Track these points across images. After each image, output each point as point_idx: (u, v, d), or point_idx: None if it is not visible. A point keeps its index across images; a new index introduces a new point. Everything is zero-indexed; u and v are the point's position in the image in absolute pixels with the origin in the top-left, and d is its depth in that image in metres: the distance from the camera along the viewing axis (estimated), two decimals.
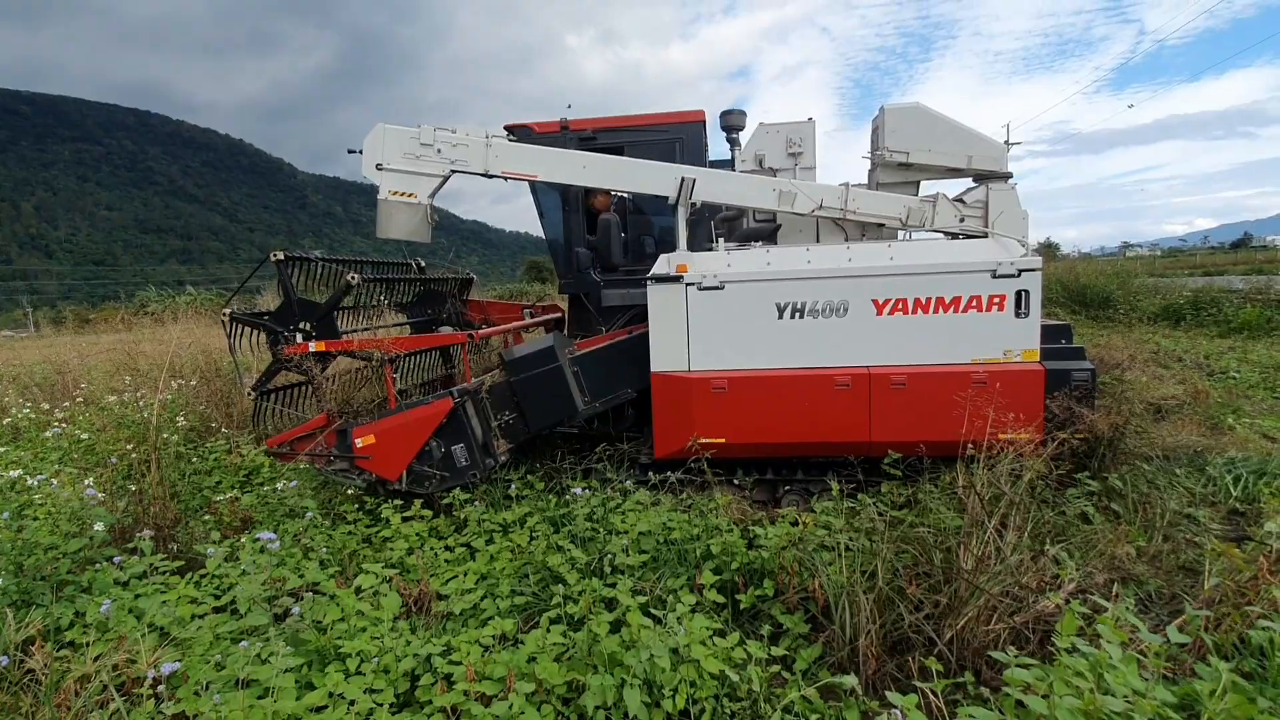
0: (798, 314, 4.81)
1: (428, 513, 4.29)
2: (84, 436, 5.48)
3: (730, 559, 3.44)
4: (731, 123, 5.82)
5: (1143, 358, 5.17)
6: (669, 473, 4.44)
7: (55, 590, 3.21)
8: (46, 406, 6.68)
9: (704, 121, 5.94)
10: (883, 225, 5.34)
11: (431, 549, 3.88)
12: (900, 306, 4.73)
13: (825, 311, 4.79)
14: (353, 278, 4.98)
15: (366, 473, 4.57)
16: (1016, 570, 3.05)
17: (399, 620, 3.10)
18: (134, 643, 2.62)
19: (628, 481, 4.62)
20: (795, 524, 3.95)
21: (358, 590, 3.17)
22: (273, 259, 4.98)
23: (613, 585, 3.22)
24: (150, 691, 2.28)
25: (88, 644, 2.80)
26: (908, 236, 5.52)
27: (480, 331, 5.40)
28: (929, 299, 4.71)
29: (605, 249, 5.80)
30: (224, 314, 5.19)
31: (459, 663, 2.61)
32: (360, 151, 5.10)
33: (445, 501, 4.49)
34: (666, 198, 5.11)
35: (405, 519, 4.15)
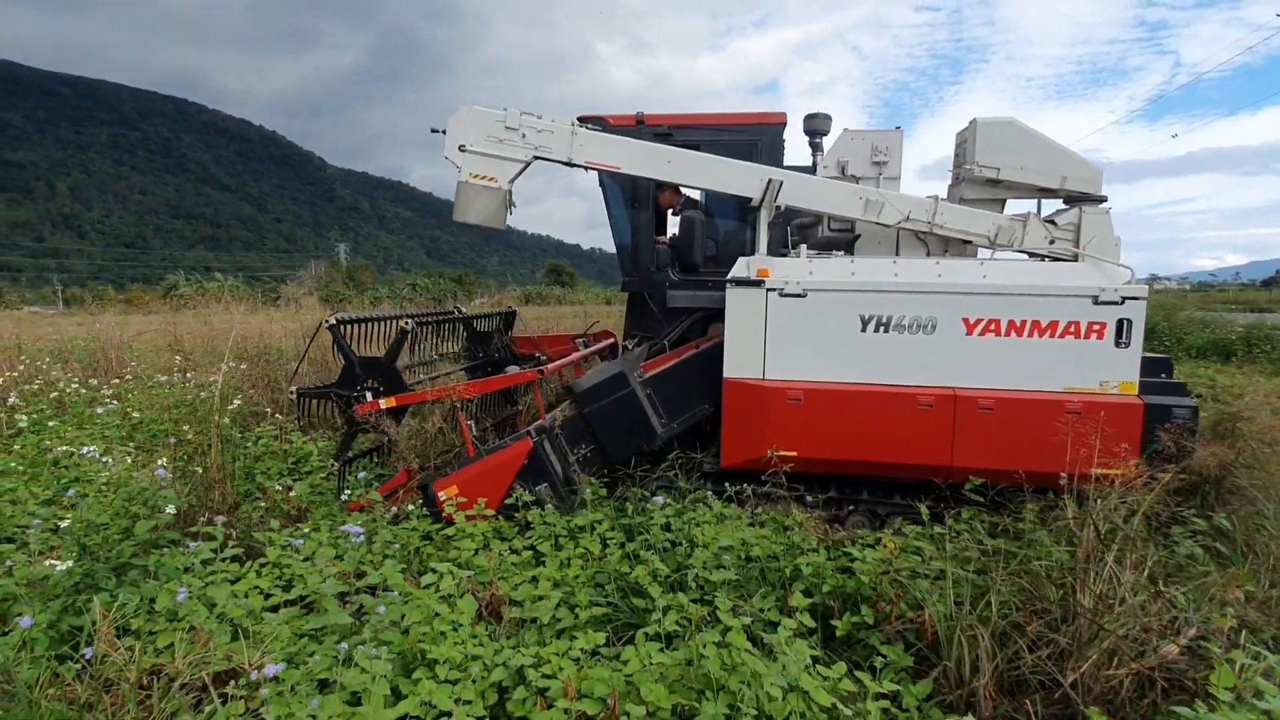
0: (882, 328, 4.63)
1: (490, 512, 4.14)
2: (135, 415, 5.39)
3: (820, 581, 3.25)
4: (815, 126, 5.64)
5: (1258, 394, 4.92)
6: (745, 485, 4.25)
7: (117, 574, 3.09)
8: (95, 382, 6.62)
9: (784, 124, 5.77)
10: (968, 242, 5.15)
11: (497, 551, 3.72)
12: (992, 327, 4.53)
13: (912, 327, 4.60)
14: (406, 323, 4.91)
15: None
16: (1140, 612, 2.85)
17: (474, 624, 2.94)
18: (209, 635, 2.48)
19: (708, 492, 4.44)
20: (873, 546, 3.77)
21: (435, 589, 3.01)
22: (325, 325, 4.91)
23: (703, 601, 3.05)
24: (244, 692, 2.13)
25: (153, 633, 2.66)
26: (991, 255, 5.32)
27: (549, 366, 5.22)
28: (1024, 321, 4.50)
29: (687, 247, 5.64)
30: (291, 392, 5.12)
31: (552, 676, 2.44)
32: (444, 131, 4.98)
33: (508, 502, 4.34)
34: (749, 199, 4.95)
35: (469, 518, 4.00)
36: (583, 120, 5.51)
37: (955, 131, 5.65)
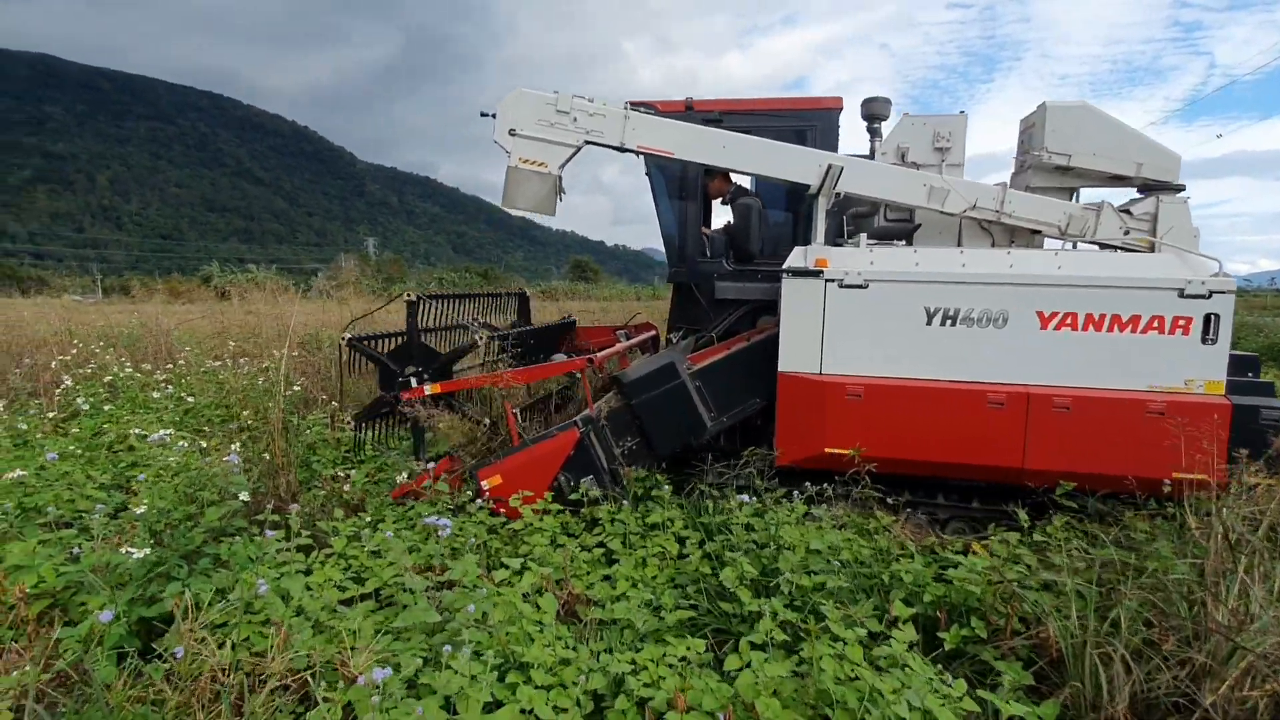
0: (949, 321, 4.39)
1: (555, 507, 4.00)
2: (190, 400, 5.33)
3: (920, 590, 3.04)
4: (874, 111, 5.39)
5: None
6: (825, 484, 4.06)
7: (187, 562, 2.98)
8: (148, 367, 6.61)
9: (840, 109, 5.54)
10: (1037, 232, 4.90)
11: (570, 548, 3.57)
12: (1069, 321, 4.27)
13: (982, 320, 4.36)
14: (409, 295, 4.83)
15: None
16: (1277, 627, 2.62)
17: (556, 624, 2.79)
18: (289, 630, 2.35)
19: (794, 491, 4.25)
20: (965, 552, 3.56)
21: (510, 585, 2.86)
22: (344, 342, 4.89)
23: (793, 607, 2.87)
24: (339, 694, 1.99)
25: (222, 625, 2.54)
26: (1061, 246, 5.06)
27: (600, 355, 5.05)
28: (1102, 315, 4.24)
29: (744, 236, 5.44)
30: (348, 422, 5.16)
31: (652, 684, 2.28)
32: (494, 115, 4.84)
33: (573, 498, 4.19)
34: (807, 186, 4.74)
35: (535, 512, 3.86)
36: (632, 105, 5.35)
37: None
